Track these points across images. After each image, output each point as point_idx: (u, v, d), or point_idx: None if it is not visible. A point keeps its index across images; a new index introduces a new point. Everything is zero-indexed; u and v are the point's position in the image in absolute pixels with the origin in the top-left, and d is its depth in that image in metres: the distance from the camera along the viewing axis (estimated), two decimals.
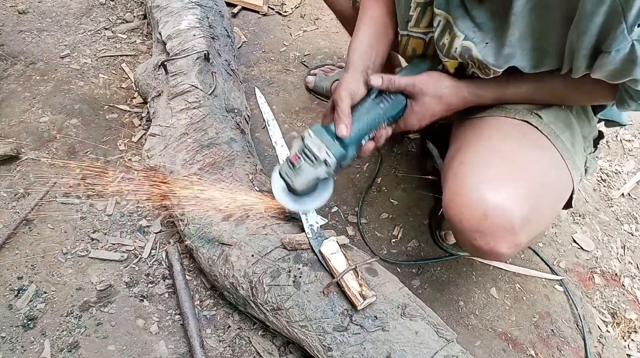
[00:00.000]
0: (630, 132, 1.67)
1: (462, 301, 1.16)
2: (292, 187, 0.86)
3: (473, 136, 0.89)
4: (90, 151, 1.28)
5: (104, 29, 1.63)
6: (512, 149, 0.84)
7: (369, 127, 0.86)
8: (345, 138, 0.82)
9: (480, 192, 0.77)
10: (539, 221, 0.84)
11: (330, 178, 0.89)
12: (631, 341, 1.15)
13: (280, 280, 0.90)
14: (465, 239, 0.82)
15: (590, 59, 0.72)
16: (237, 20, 1.81)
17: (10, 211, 1.13)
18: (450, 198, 0.82)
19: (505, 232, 0.77)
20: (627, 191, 1.48)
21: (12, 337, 0.94)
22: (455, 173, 0.83)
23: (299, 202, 0.93)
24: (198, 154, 1.09)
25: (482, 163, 0.82)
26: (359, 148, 0.87)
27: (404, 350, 0.80)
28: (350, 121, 0.83)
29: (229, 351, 0.98)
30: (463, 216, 0.79)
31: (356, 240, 1.23)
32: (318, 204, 0.93)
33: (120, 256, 1.09)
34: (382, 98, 0.88)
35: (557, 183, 0.87)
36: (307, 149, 0.83)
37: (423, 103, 0.89)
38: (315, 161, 0.83)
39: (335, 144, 0.82)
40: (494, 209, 0.76)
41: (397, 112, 0.90)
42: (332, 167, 0.83)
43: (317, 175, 0.84)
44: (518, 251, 0.84)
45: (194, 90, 1.19)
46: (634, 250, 1.33)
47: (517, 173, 0.80)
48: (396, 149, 1.47)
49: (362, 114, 0.86)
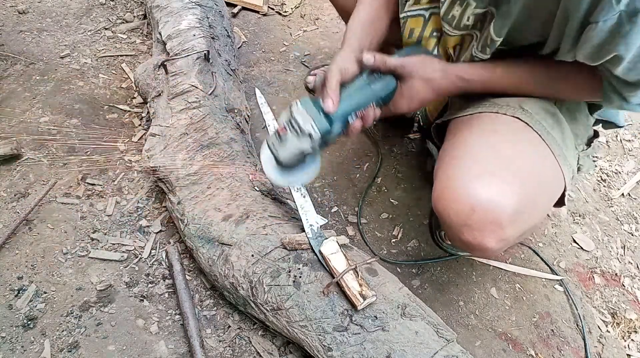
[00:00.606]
0: (630, 133, 1.67)
1: (462, 301, 1.16)
2: (277, 158, 0.86)
3: (465, 132, 0.90)
4: (90, 151, 1.28)
5: (104, 29, 1.64)
6: (502, 145, 0.85)
7: (357, 105, 0.86)
8: (331, 113, 0.82)
9: (469, 186, 0.78)
10: (528, 217, 0.84)
11: (317, 153, 0.89)
12: (631, 341, 1.15)
13: (280, 280, 0.90)
14: (454, 233, 0.83)
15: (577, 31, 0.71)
16: (237, 20, 1.81)
17: (10, 211, 1.13)
18: (439, 193, 0.83)
19: (492, 226, 0.77)
20: (627, 191, 1.48)
21: (12, 337, 0.94)
22: (446, 168, 0.84)
23: (285, 176, 0.92)
24: (198, 154, 1.09)
25: (472, 159, 0.83)
26: (346, 125, 0.87)
27: (404, 350, 0.80)
28: (338, 96, 0.83)
29: (229, 351, 0.98)
30: (451, 211, 0.80)
31: (356, 240, 1.23)
32: (304, 179, 0.93)
33: (120, 256, 1.09)
34: (374, 78, 0.88)
35: (548, 179, 0.88)
36: (293, 120, 0.82)
37: (412, 86, 0.89)
38: (300, 133, 0.82)
39: (321, 118, 0.82)
40: (481, 203, 0.77)
41: (387, 94, 0.90)
42: (316, 141, 0.82)
43: (301, 147, 0.83)
44: (506, 247, 0.85)
45: (194, 90, 1.19)
46: (634, 250, 1.33)
47: (507, 168, 0.81)
48: (396, 149, 1.47)
49: (352, 91, 0.86)
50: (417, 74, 0.88)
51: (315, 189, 1.33)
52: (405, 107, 0.92)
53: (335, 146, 1.44)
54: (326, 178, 1.36)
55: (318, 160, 0.93)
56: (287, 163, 0.86)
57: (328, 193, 1.33)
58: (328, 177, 1.36)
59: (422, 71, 0.88)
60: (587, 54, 0.72)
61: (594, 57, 0.72)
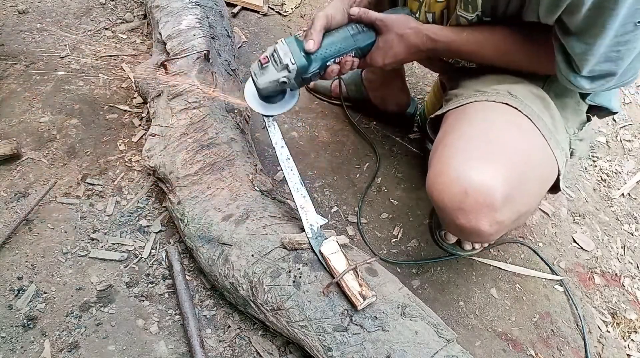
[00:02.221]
0: (630, 132, 1.67)
1: (462, 301, 1.16)
2: (256, 84, 0.92)
3: (456, 121, 0.93)
4: (90, 151, 1.28)
5: (104, 29, 1.63)
6: (493, 130, 0.87)
7: (337, 51, 0.93)
8: (311, 52, 0.89)
9: (462, 171, 0.80)
10: (522, 200, 0.86)
11: (295, 89, 0.97)
12: (631, 341, 1.15)
13: (280, 280, 0.90)
14: (448, 219, 0.85)
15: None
16: (237, 20, 1.81)
17: (10, 211, 1.13)
18: (432, 179, 0.86)
19: (486, 209, 0.79)
20: (627, 191, 1.48)
21: (12, 337, 0.94)
22: (439, 155, 0.87)
23: (264, 107, 0.99)
24: (198, 154, 1.09)
25: (463, 144, 0.85)
26: (324, 68, 0.94)
27: (404, 350, 0.80)
28: (319, 38, 0.90)
29: (229, 351, 0.98)
30: (445, 196, 0.82)
31: (356, 240, 1.23)
32: (280, 110, 1.00)
33: (120, 256, 1.09)
34: (357, 30, 0.95)
35: (540, 162, 0.90)
36: (275, 53, 0.90)
37: (387, 40, 0.95)
38: (279, 64, 0.89)
39: (300, 55, 0.89)
40: (474, 186, 0.78)
41: (365, 45, 0.96)
42: (292, 74, 0.90)
43: (277, 77, 0.90)
44: (502, 231, 0.86)
45: (194, 90, 1.19)
46: (634, 250, 1.33)
47: (499, 152, 0.83)
48: (396, 149, 1.47)
49: (334, 37, 0.93)
50: (393, 29, 0.94)
51: (315, 189, 1.33)
52: (380, 60, 0.97)
53: (335, 146, 1.44)
54: (326, 178, 1.36)
55: (296, 96, 1.00)
56: (264, 90, 0.93)
57: (328, 193, 1.33)
58: (328, 177, 1.36)
59: (396, 27, 0.94)
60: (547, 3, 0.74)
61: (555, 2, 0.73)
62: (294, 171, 0.99)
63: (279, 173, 1.34)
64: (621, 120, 1.70)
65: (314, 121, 1.51)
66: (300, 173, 1.00)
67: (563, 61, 0.81)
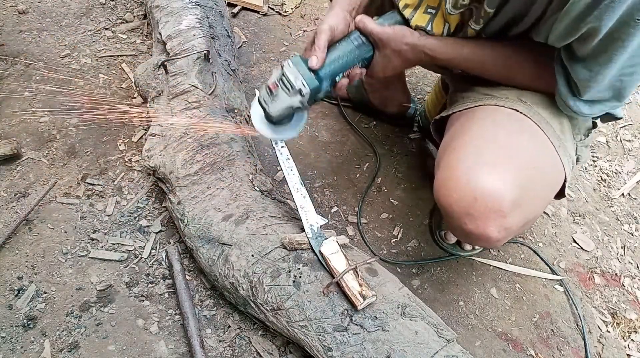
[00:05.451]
0: (630, 133, 1.67)
1: (462, 301, 1.16)
2: (268, 113, 0.89)
3: (465, 124, 0.91)
4: (90, 151, 1.28)
5: (104, 29, 1.63)
6: (502, 135, 0.86)
7: (345, 65, 0.91)
8: (315, 68, 0.86)
9: (470, 176, 0.79)
10: (529, 206, 0.85)
11: (305, 109, 0.92)
12: (631, 341, 1.15)
13: (280, 280, 0.90)
14: (456, 224, 0.83)
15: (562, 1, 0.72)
16: (237, 20, 1.81)
17: (10, 211, 1.13)
18: (440, 183, 0.84)
19: (494, 215, 0.78)
20: (627, 191, 1.48)
21: (12, 337, 0.94)
22: (447, 158, 0.86)
23: (274, 131, 0.95)
24: (198, 154, 1.09)
25: (472, 149, 0.84)
26: (333, 83, 0.92)
27: (404, 350, 0.80)
28: (324, 55, 0.87)
29: (229, 351, 0.98)
30: (453, 200, 0.81)
31: (356, 240, 1.23)
32: (292, 134, 0.96)
33: (120, 256, 1.09)
34: (360, 40, 0.93)
35: (548, 169, 0.89)
36: (284, 77, 0.86)
37: (385, 55, 0.93)
38: (291, 89, 0.86)
39: (310, 76, 0.86)
40: (483, 192, 0.77)
41: (370, 56, 0.95)
42: (306, 97, 0.86)
43: (291, 103, 0.87)
44: (509, 237, 0.86)
45: (194, 90, 1.19)
46: (634, 250, 1.33)
47: (508, 158, 0.82)
48: (396, 149, 1.47)
49: (339, 51, 0.91)
50: (389, 46, 0.92)
51: (315, 189, 1.33)
52: (380, 72, 0.96)
53: (335, 146, 1.44)
54: (326, 178, 1.36)
55: (305, 116, 0.96)
56: (277, 117, 0.89)
57: (328, 193, 1.33)
58: (328, 177, 1.36)
59: (393, 43, 0.92)
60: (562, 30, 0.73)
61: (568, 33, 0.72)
62: (294, 171, 0.99)
63: (279, 173, 1.34)
64: (621, 120, 1.70)
65: (314, 121, 1.50)
66: (300, 173, 0.99)
67: (564, 84, 0.80)
